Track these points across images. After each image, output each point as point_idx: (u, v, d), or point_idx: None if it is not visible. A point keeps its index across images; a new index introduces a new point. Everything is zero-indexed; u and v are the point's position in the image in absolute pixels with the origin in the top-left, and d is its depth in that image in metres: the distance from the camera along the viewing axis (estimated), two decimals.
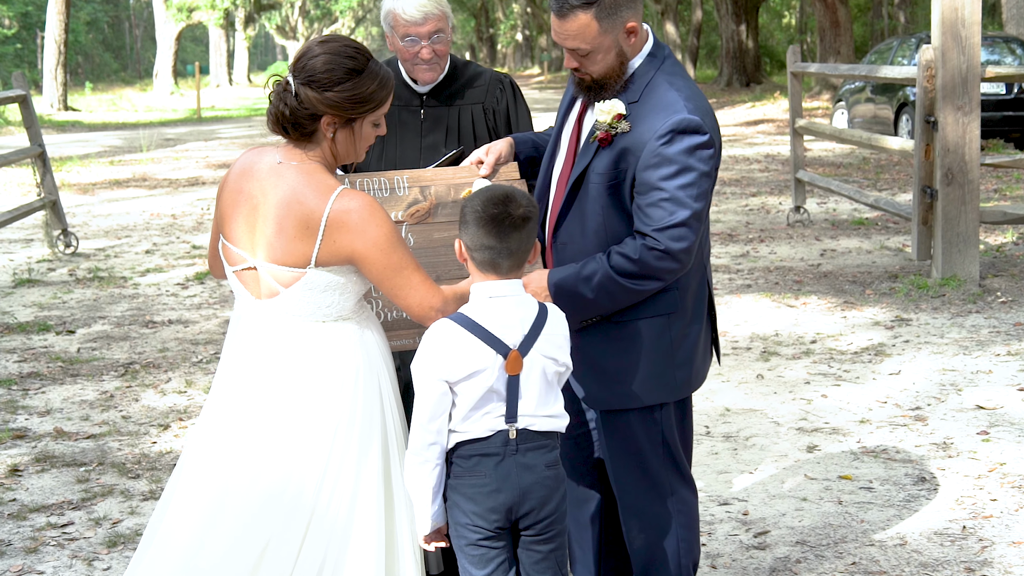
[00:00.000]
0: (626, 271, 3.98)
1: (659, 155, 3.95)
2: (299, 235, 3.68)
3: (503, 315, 3.67)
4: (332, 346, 3.79)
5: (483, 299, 3.70)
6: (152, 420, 7.58)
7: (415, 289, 3.75)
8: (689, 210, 3.95)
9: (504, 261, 3.67)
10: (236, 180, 3.83)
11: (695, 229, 3.98)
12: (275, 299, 3.77)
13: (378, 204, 3.70)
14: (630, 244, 4.00)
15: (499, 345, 3.65)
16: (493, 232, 3.64)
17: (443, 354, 3.64)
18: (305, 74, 3.70)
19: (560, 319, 3.80)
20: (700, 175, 3.98)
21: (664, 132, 3.95)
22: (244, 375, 3.83)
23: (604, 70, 4.08)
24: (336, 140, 3.77)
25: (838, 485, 6.19)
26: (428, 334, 3.69)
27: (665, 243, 3.94)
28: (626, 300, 4.07)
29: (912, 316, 9.58)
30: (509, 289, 3.70)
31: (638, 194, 4.01)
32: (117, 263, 12.74)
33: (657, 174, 3.95)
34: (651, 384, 4.19)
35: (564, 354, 3.78)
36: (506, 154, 4.47)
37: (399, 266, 3.72)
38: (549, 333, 3.73)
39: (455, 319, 3.67)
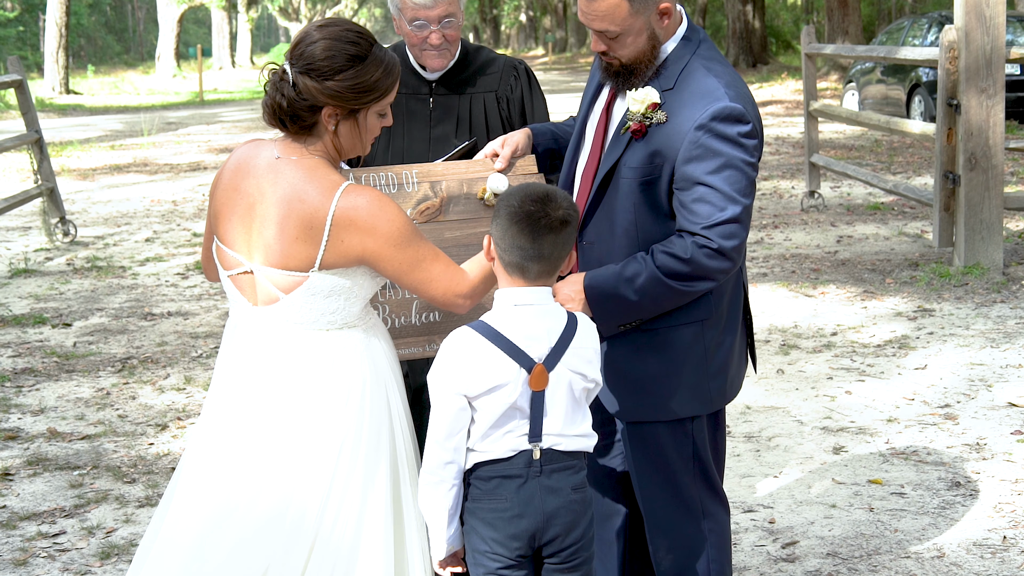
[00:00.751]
0: (675, 272, 3.69)
1: (701, 146, 3.65)
2: (301, 236, 3.39)
3: (528, 325, 3.38)
4: (336, 356, 3.49)
5: (507, 307, 3.41)
6: (149, 420, 7.28)
7: (438, 280, 3.49)
8: (739, 205, 3.67)
9: (533, 265, 3.38)
10: (231, 177, 3.53)
11: (746, 225, 3.70)
12: (274, 306, 3.47)
13: (387, 197, 3.41)
14: (678, 243, 3.70)
15: (523, 358, 3.35)
16: (526, 231, 3.35)
17: (462, 366, 3.35)
18: (303, 62, 3.40)
19: (590, 331, 3.50)
20: (746, 166, 3.69)
21: (705, 121, 3.66)
22: (241, 388, 3.54)
23: (635, 54, 3.78)
24: (338, 133, 3.47)
25: (868, 490, 5.90)
26: (446, 343, 3.40)
27: (717, 241, 3.66)
28: (672, 303, 3.78)
29: (935, 306, 9.28)
30: (536, 297, 3.41)
31: (680, 190, 3.71)
32: (116, 252, 12.44)
33: (700, 167, 3.66)
34: (683, 395, 3.89)
35: (594, 369, 3.48)
36: (523, 146, 4.17)
37: (417, 259, 3.45)
38: (578, 346, 3.44)
39: (476, 328, 3.38)
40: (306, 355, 3.48)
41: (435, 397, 3.38)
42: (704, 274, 3.71)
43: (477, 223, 4.02)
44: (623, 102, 3.88)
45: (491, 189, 4.02)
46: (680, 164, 3.71)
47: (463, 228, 3.99)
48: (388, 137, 4.71)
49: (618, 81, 3.86)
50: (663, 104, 3.76)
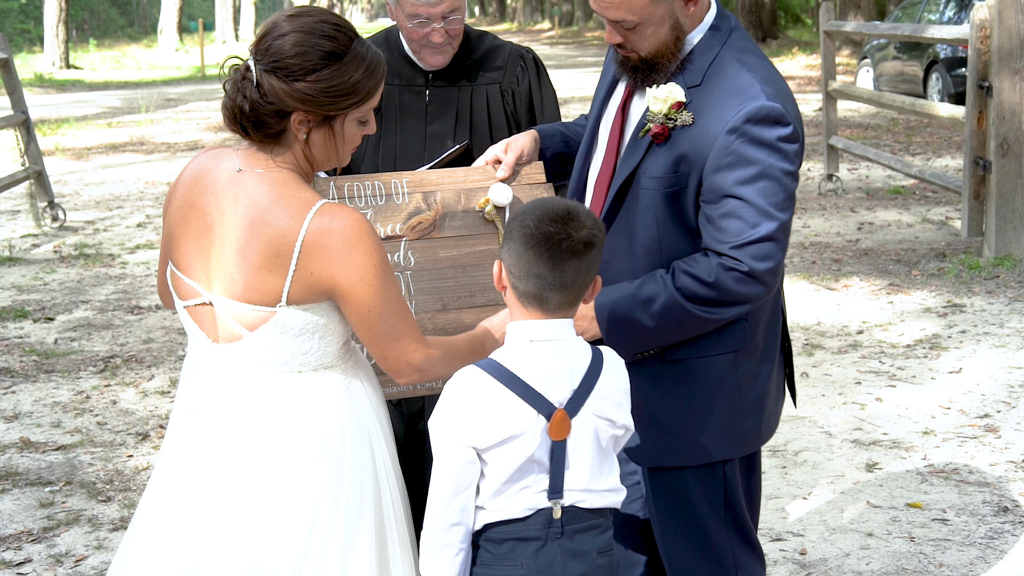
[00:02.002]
0: (697, 296, 3.19)
1: (733, 153, 3.15)
2: (266, 265, 2.88)
3: (547, 364, 2.89)
4: (310, 402, 2.99)
5: (522, 343, 2.91)
6: (130, 427, 6.79)
7: (397, 340, 2.97)
8: (775, 221, 3.17)
9: (553, 295, 2.88)
10: (186, 192, 3.03)
11: (783, 244, 3.20)
12: (237, 344, 2.97)
13: (369, 225, 2.90)
14: (702, 263, 3.20)
15: (541, 403, 2.86)
16: (545, 257, 2.85)
17: (470, 414, 2.85)
18: (269, 58, 2.89)
19: (618, 369, 3.00)
20: (785, 176, 3.19)
21: (738, 123, 3.16)
22: (201, 439, 3.04)
23: (656, 47, 3.28)
24: (311, 142, 2.96)
25: (907, 515, 5.39)
26: (451, 386, 2.91)
27: (748, 263, 3.17)
28: (695, 330, 3.28)
29: (965, 301, 8.76)
30: (556, 331, 2.91)
31: (707, 203, 3.21)
32: (106, 238, 11.93)
33: (732, 177, 3.16)
34: (713, 436, 3.40)
35: (623, 413, 2.99)
36: (529, 151, 3.65)
37: (386, 309, 2.93)
38: (604, 387, 2.94)
39: (486, 368, 2.88)
40: (275, 401, 2.98)
41: (438, 449, 2.89)
42: (732, 300, 3.23)
43: (476, 240, 3.51)
44: (642, 100, 3.38)
45: (493, 201, 3.51)
46: (708, 173, 3.21)
47: (460, 246, 3.49)
48: (379, 134, 4.21)
49: (636, 77, 3.35)
50: (689, 103, 3.26)
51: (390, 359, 2.98)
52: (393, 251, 3.43)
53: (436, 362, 3.02)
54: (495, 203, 3.51)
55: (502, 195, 3.50)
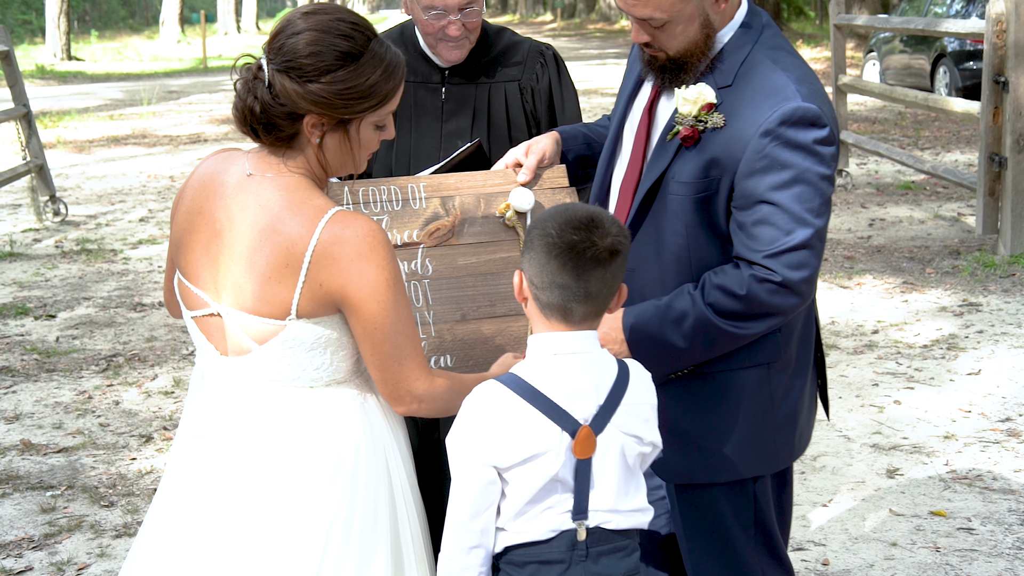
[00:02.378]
0: (728, 310, 3.05)
1: (767, 157, 3.01)
2: (276, 275, 2.74)
3: (571, 379, 2.75)
4: (323, 419, 2.85)
5: (545, 357, 2.77)
6: (133, 429, 6.65)
7: (400, 364, 2.81)
8: (810, 228, 3.03)
9: (578, 307, 2.74)
10: (194, 196, 2.89)
11: (818, 252, 3.06)
12: (246, 358, 2.83)
13: (384, 236, 2.75)
14: (732, 274, 3.06)
15: (566, 419, 2.72)
16: (569, 266, 2.71)
17: (491, 431, 2.72)
18: (282, 57, 2.74)
19: (645, 383, 2.87)
20: (821, 180, 3.05)
21: (772, 126, 3.02)
22: (209, 457, 2.90)
23: (685, 45, 3.13)
24: (324, 147, 2.82)
25: (931, 524, 5.25)
26: (470, 403, 2.77)
27: (781, 272, 3.03)
28: (728, 347, 3.15)
29: (981, 300, 8.61)
30: (580, 344, 2.77)
31: (739, 208, 3.07)
32: (108, 233, 11.79)
33: (765, 182, 3.02)
34: (744, 452, 3.26)
35: (650, 430, 2.85)
36: (551, 154, 3.51)
37: (394, 328, 2.78)
38: (631, 402, 2.80)
39: (507, 383, 2.74)
40: (286, 418, 2.84)
41: (457, 468, 2.75)
42: (765, 312, 3.09)
43: (496, 247, 3.37)
44: (669, 101, 3.23)
45: (514, 206, 3.37)
46: (741, 178, 3.07)
47: (480, 253, 3.34)
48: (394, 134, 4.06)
49: (664, 77, 3.21)
50: (720, 104, 3.12)
51: (390, 383, 2.83)
52: (410, 259, 3.29)
53: (439, 395, 2.87)
54: (516, 208, 3.37)
55: (523, 200, 3.36)
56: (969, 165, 13.52)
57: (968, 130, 16.07)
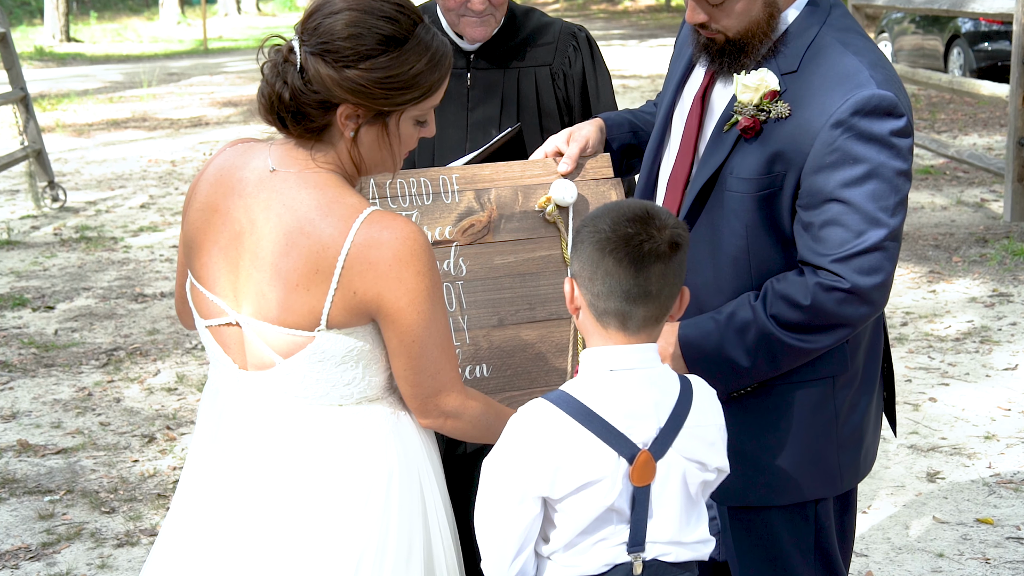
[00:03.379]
0: (792, 322, 2.78)
1: (838, 150, 2.72)
2: (305, 282, 2.45)
3: (630, 398, 2.47)
4: (353, 441, 2.57)
5: (600, 373, 2.49)
6: (135, 428, 6.36)
7: (435, 377, 2.54)
8: (885, 228, 2.74)
9: (638, 309, 2.46)
10: (210, 192, 2.59)
11: (892, 255, 2.77)
12: (269, 372, 2.54)
13: (425, 240, 2.46)
14: (796, 282, 2.78)
15: (623, 444, 2.44)
16: (625, 262, 2.43)
17: (540, 458, 2.44)
18: (317, 39, 2.45)
19: (711, 402, 2.59)
20: (897, 176, 2.76)
21: (845, 116, 2.73)
22: (226, 482, 2.61)
23: (746, 25, 2.84)
24: (359, 141, 2.52)
25: (978, 533, 4.97)
26: (515, 424, 2.49)
27: (851, 279, 2.74)
28: (793, 362, 2.87)
29: (1012, 290, 8.32)
30: (640, 358, 2.49)
31: (805, 207, 2.78)
32: (108, 219, 11.48)
33: (836, 178, 2.73)
34: (805, 472, 2.98)
35: (716, 455, 2.57)
36: (594, 142, 3.21)
37: (431, 340, 2.50)
38: (696, 424, 2.52)
39: (558, 402, 2.46)
40: (312, 439, 2.55)
41: (498, 499, 2.48)
42: (833, 324, 2.81)
43: (536, 245, 3.08)
44: (725, 88, 2.94)
45: (555, 199, 3.07)
46: (808, 173, 2.77)
47: (517, 252, 3.05)
48: None
49: (722, 61, 2.91)
50: (784, 92, 2.82)
51: (420, 396, 2.55)
52: (442, 258, 3.00)
53: (470, 416, 2.60)
54: (557, 202, 3.07)
55: (565, 192, 3.07)
56: (988, 148, 13.22)
57: (985, 112, 15.76)
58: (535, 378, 2.99)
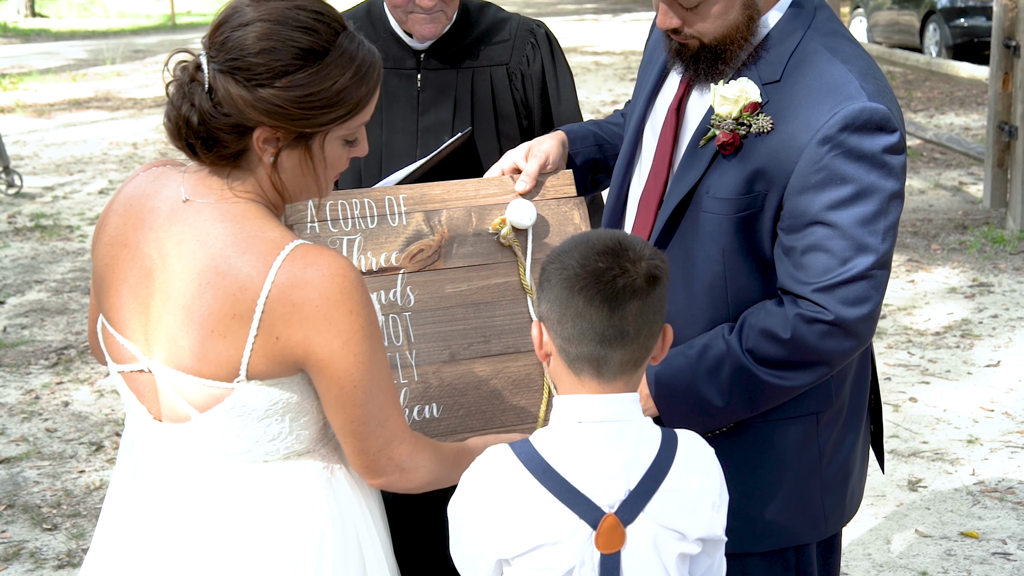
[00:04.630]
0: (771, 358, 2.53)
1: (825, 169, 2.47)
2: (221, 328, 2.18)
3: (597, 455, 2.21)
4: (280, 500, 2.30)
5: (568, 424, 2.23)
6: (82, 435, 6.08)
7: (383, 427, 2.26)
8: (873, 255, 2.49)
9: (614, 352, 2.19)
10: (119, 224, 2.32)
11: (880, 284, 2.53)
12: (184, 426, 2.28)
13: (356, 275, 2.19)
14: (774, 314, 2.54)
15: (585, 507, 2.19)
16: (598, 300, 2.17)
17: (493, 512, 2.20)
18: (226, 55, 2.17)
19: (699, 462, 2.31)
20: (889, 198, 2.50)
21: (833, 131, 2.47)
22: (142, 543, 2.34)
23: (724, 30, 2.58)
24: (280, 167, 2.24)
25: (963, 548, 4.74)
26: (473, 473, 2.25)
27: (835, 310, 2.49)
28: (772, 401, 2.63)
29: (992, 280, 8.09)
30: (612, 409, 2.23)
31: (787, 231, 2.53)
32: (64, 207, 11.14)
33: (821, 199, 2.48)
34: (787, 517, 2.74)
35: (700, 523, 2.28)
36: (555, 157, 2.93)
37: (374, 385, 2.23)
38: (673, 488, 2.25)
39: (519, 453, 2.21)
40: (234, 499, 2.29)
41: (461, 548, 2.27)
42: (815, 359, 2.55)
43: (491, 271, 2.80)
44: (702, 98, 2.68)
45: (511, 221, 2.80)
46: (792, 194, 2.52)
47: (471, 279, 2.78)
48: None
49: (698, 69, 2.65)
50: (766, 104, 2.56)
51: (371, 452, 2.27)
52: (388, 287, 2.73)
53: (422, 463, 2.33)
54: (514, 224, 2.80)
55: (523, 214, 2.80)
56: (966, 128, 13.00)
57: (962, 91, 15.53)
58: (490, 418, 2.73)
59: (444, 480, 2.39)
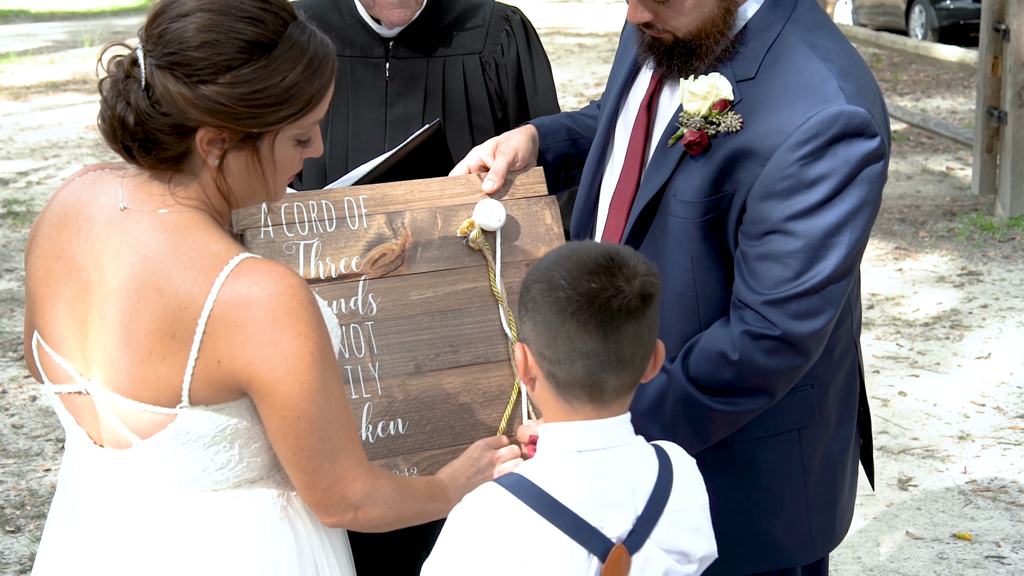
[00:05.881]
0: (716, 383, 2.37)
1: (792, 177, 2.31)
2: (160, 349, 2.00)
3: (604, 485, 2.05)
4: (231, 532, 2.13)
5: (566, 454, 2.06)
6: (49, 431, 5.90)
7: (333, 461, 2.08)
8: (830, 268, 2.34)
9: (610, 377, 2.03)
10: (53, 234, 2.15)
11: (836, 299, 2.37)
12: (126, 453, 2.11)
13: (306, 293, 2.02)
14: (720, 335, 2.39)
15: (595, 540, 2.02)
16: (592, 325, 2.00)
17: (497, 560, 2.00)
18: (164, 49, 1.99)
19: (691, 476, 2.18)
20: (860, 207, 2.35)
21: (805, 136, 2.30)
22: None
23: (698, 24, 2.41)
24: (226, 170, 2.07)
25: (955, 551, 4.60)
26: (461, 516, 2.05)
27: (783, 324, 2.33)
28: (724, 430, 2.46)
29: (982, 268, 7.95)
30: (614, 435, 2.08)
31: (746, 237, 2.39)
32: (38, 192, 10.94)
33: (784, 207, 2.32)
34: (770, 540, 2.59)
35: (702, 541, 2.15)
36: (525, 154, 2.75)
37: (322, 416, 2.04)
38: (677, 509, 2.10)
39: (517, 490, 2.03)
40: (181, 531, 2.12)
41: None
42: (762, 382, 2.39)
43: (458, 276, 2.63)
44: (673, 95, 2.52)
45: (479, 223, 2.63)
46: (756, 198, 2.36)
47: (437, 285, 2.61)
48: (327, 122, 3.31)
49: (670, 64, 2.48)
50: (738, 103, 2.39)
51: (319, 487, 2.09)
52: (348, 295, 2.56)
53: (382, 499, 2.14)
54: (482, 226, 2.63)
55: (492, 215, 2.62)
56: (952, 112, 12.85)
57: (948, 74, 15.36)
58: (459, 434, 2.56)
59: (411, 518, 2.22)
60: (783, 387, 2.42)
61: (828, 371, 2.53)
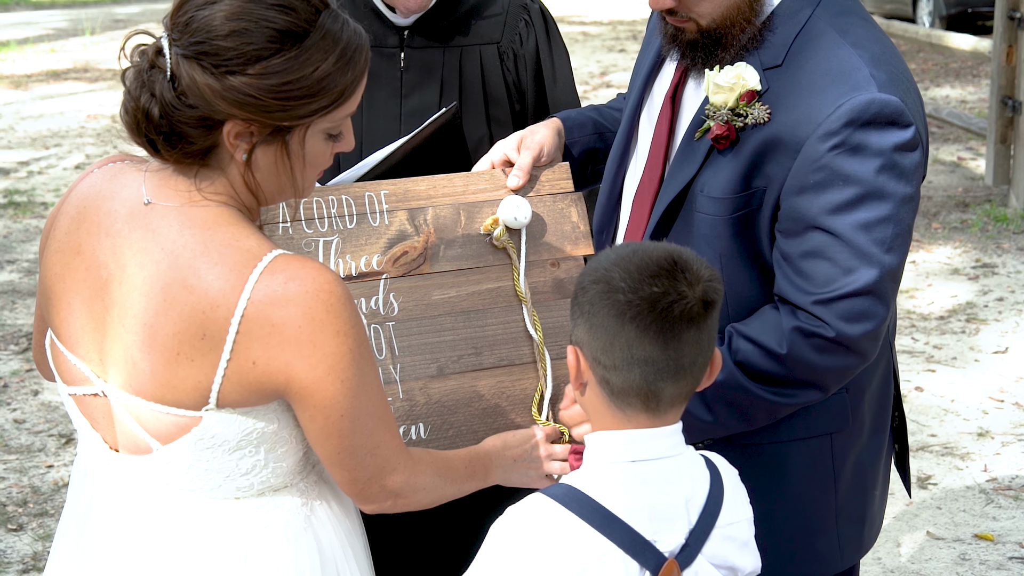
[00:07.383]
0: (764, 372, 2.28)
1: (825, 168, 2.22)
2: (188, 350, 1.92)
3: (659, 496, 1.97)
4: (253, 544, 2.04)
5: (618, 463, 1.98)
6: (51, 427, 5.81)
7: (374, 454, 2.01)
8: (876, 268, 2.24)
9: (667, 386, 1.94)
10: (71, 229, 2.05)
11: (887, 299, 2.28)
12: (145, 459, 2.01)
13: (343, 290, 1.94)
14: (770, 325, 2.29)
15: (649, 554, 1.93)
16: (652, 331, 1.91)
17: (543, 568, 1.91)
18: (191, 39, 1.90)
19: (738, 488, 2.10)
20: (900, 203, 2.25)
21: (837, 125, 2.22)
22: None
23: (722, 11, 2.32)
24: (255, 165, 1.98)
25: (977, 551, 4.51)
26: (509, 528, 1.95)
27: (836, 326, 2.25)
28: (765, 418, 2.37)
29: (996, 260, 7.85)
30: (669, 444, 2.00)
31: (785, 234, 2.29)
32: (39, 182, 10.84)
33: (821, 202, 2.23)
34: (798, 548, 2.51)
35: (750, 555, 2.09)
36: (550, 148, 2.66)
37: (364, 412, 1.97)
38: (728, 522, 2.03)
39: (565, 501, 1.94)
40: (200, 542, 2.03)
41: None
42: (812, 378, 2.30)
43: (482, 276, 2.54)
44: (699, 86, 2.41)
45: (504, 221, 2.53)
46: (789, 193, 2.26)
47: (460, 285, 2.51)
48: None
49: (695, 55, 2.38)
50: (765, 92, 2.29)
51: (361, 481, 2.03)
52: (369, 294, 2.47)
53: (421, 485, 2.09)
54: (507, 223, 2.53)
55: (516, 212, 2.53)
56: (962, 101, 12.74)
57: (957, 63, 15.26)
58: (482, 438, 2.47)
59: (453, 495, 2.18)
60: (835, 383, 2.34)
61: (863, 375, 2.44)
